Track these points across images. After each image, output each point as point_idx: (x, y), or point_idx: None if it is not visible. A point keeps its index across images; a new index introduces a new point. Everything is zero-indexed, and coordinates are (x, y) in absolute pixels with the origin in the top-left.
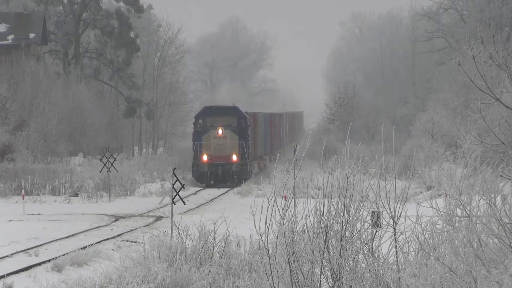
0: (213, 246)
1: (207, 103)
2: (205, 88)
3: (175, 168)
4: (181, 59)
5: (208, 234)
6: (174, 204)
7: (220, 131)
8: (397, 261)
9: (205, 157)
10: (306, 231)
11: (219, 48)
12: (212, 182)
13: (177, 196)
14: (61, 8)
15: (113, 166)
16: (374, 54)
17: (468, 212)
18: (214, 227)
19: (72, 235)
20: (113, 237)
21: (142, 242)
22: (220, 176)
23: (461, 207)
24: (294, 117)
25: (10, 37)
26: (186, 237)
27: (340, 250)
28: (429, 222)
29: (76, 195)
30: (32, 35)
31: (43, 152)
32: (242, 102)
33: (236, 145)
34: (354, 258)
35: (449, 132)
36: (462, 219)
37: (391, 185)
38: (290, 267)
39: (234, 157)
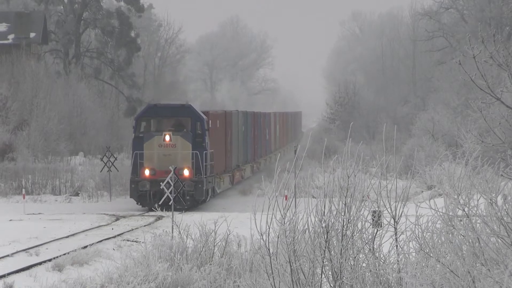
0: (214, 246)
1: (208, 103)
2: (205, 87)
3: (175, 168)
4: (182, 58)
5: (208, 233)
6: (175, 203)
7: (167, 137)
8: (397, 261)
9: (146, 172)
10: (307, 230)
11: (219, 47)
12: (156, 205)
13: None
14: (62, 7)
15: (114, 166)
16: (374, 54)
17: (467, 212)
18: (215, 227)
19: (73, 235)
20: (114, 237)
21: (142, 242)
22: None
23: (459, 206)
24: (288, 117)
25: (11, 36)
26: (186, 237)
27: (341, 249)
28: (429, 222)
29: (77, 194)
30: (32, 35)
31: (44, 152)
32: (242, 102)
33: (188, 156)
34: (355, 257)
35: (449, 132)
36: (461, 219)
37: (392, 184)
38: (291, 266)
39: (186, 172)
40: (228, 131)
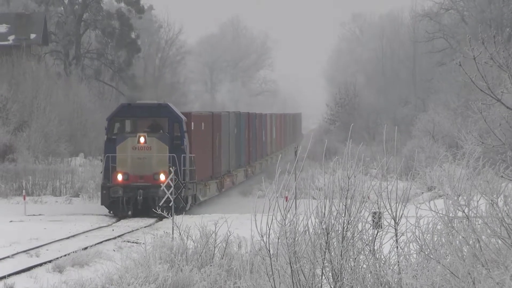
0: (214, 247)
1: (208, 104)
2: (205, 88)
3: (175, 169)
4: (182, 60)
5: (209, 234)
6: (175, 205)
7: (142, 139)
8: (398, 262)
9: (119, 177)
10: (307, 231)
11: (219, 48)
12: (130, 213)
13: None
14: (62, 8)
15: None
16: (374, 55)
17: (467, 213)
18: (215, 228)
19: (73, 236)
20: (114, 238)
21: (143, 243)
22: (140, 203)
23: (460, 208)
24: (286, 119)
25: (11, 37)
26: (187, 238)
27: (342, 250)
28: (430, 223)
29: (77, 195)
30: (33, 36)
31: (44, 153)
32: (242, 103)
33: (164, 160)
34: (355, 259)
35: (450, 133)
36: (461, 220)
37: (392, 186)
38: (291, 267)
39: (162, 177)
40: (216, 134)
